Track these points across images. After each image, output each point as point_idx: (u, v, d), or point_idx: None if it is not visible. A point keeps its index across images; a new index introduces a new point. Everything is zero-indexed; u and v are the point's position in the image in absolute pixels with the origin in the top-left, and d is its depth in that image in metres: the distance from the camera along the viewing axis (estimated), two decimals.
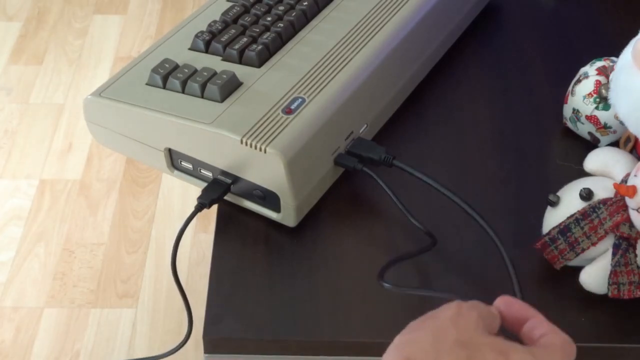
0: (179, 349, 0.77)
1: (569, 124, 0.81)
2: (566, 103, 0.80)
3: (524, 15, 0.97)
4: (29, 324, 1.58)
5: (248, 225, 0.74)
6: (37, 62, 2.17)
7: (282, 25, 0.79)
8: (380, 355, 0.67)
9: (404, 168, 0.72)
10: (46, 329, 1.57)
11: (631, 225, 0.64)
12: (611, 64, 0.78)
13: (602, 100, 0.77)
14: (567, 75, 0.82)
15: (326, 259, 0.71)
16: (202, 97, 0.73)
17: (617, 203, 0.64)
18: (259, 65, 0.76)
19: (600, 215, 0.64)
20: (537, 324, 0.52)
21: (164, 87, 0.75)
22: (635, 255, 0.65)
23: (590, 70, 0.78)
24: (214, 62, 0.77)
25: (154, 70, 0.75)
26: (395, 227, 0.73)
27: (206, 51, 0.79)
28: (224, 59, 0.78)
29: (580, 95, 0.78)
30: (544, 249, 0.67)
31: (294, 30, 0.80)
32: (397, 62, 0.81)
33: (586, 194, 0.66)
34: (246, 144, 0.69)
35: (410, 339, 0.50)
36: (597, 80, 0.77)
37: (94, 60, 2.18)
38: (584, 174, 0.70)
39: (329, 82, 0.74)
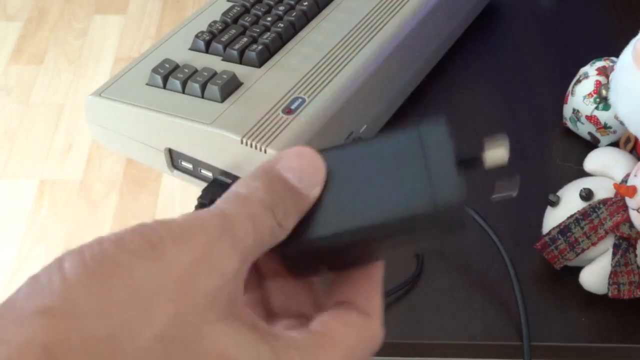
0: None
1: (569, 124, 0.81)
2: (566, 103, 0.80)
3: (524, 15, 0.97)
4: None
5: None
6: (37, 62, 2.17)
7: (282, 25, 0.79)
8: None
9: None
10: None
11: (631, 225, 0.64)
12: (611, 64, 0.78)
13: (602, 100, 0.77)
14: (567, 75, 0.81)
15: None
16: (203, 97, 0.73)
17: (617, 203, 0.64)
18: (259, 66, 0.76)
19: (601, 215, 0.64)
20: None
21: (164, 87, 0.75)
22: (636, 256, 0.65)
23: (590, 70, 0.78)
24: (214, 62, 0.77)
25: (154, 70, 0.75)
26: None
27: (206, 51, 0.79)
28: (224, 59, 0.78)
29: (580, 95, 0.78)
30: (544, 249, 0.67)
31: (294, 30, 0.80)
32: (397, 62, 0.81)
33: (586, 194, 0.66)
34: (246, 144, 0.69)
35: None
36: (597, 80, 0.77)
37: (94, 60, 2.18)
38: (584, 174, 0.70)
39: (329, 82, 0.74)
